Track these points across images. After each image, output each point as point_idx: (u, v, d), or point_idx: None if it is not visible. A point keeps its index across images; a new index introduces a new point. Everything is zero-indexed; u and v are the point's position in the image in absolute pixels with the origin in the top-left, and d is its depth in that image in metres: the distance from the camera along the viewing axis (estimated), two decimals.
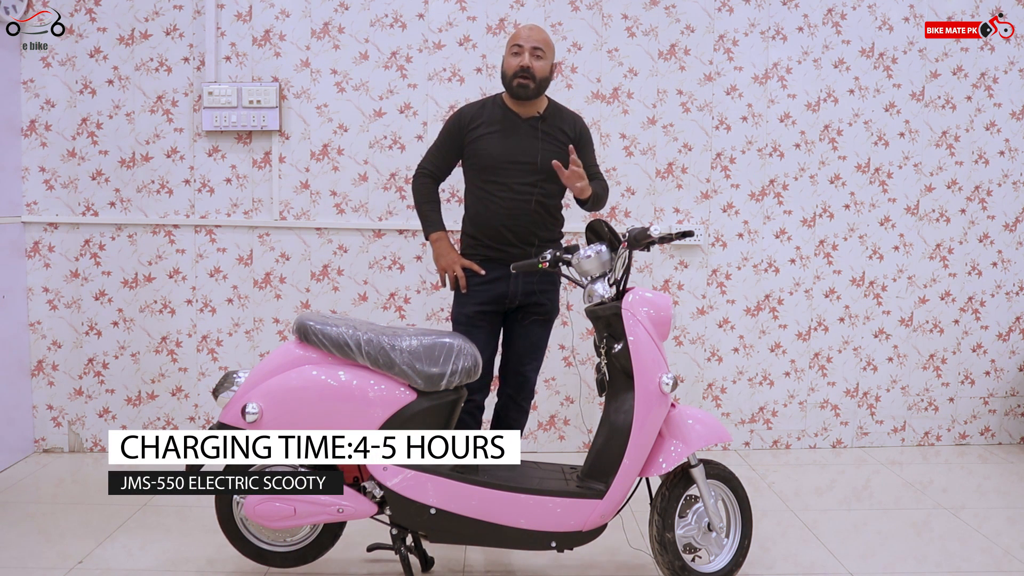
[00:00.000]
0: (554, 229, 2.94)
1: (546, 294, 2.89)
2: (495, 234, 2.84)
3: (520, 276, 2.82)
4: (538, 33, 2.86)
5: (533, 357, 2.94)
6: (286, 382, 2.34)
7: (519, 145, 2.84)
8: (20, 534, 2.85)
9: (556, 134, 2.89)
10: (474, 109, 2.95)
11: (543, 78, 2.84)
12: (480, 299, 2.86)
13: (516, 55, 2.82)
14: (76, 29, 3.61)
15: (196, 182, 3.68)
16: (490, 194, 2.84)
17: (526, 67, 2.79)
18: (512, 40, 2.87)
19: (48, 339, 3.69)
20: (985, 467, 3.71)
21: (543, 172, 2.82)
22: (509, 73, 2.83)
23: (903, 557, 2.78)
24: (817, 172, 3.84)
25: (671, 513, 2.43)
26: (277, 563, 2.47)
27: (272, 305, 3.73)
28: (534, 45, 2.81)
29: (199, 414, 3.75)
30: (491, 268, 2.85)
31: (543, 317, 2.93)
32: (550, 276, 2.87)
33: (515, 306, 2.88)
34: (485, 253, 2.87)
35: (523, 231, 2.83)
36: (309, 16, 3.65)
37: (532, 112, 2.89)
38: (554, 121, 2.91)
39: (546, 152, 2.83)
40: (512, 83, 2.82)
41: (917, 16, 3.81)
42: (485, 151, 2.85)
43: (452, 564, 2.69)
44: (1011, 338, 3.98)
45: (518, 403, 2.96)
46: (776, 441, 3.93)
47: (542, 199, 2.84)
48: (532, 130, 2.87)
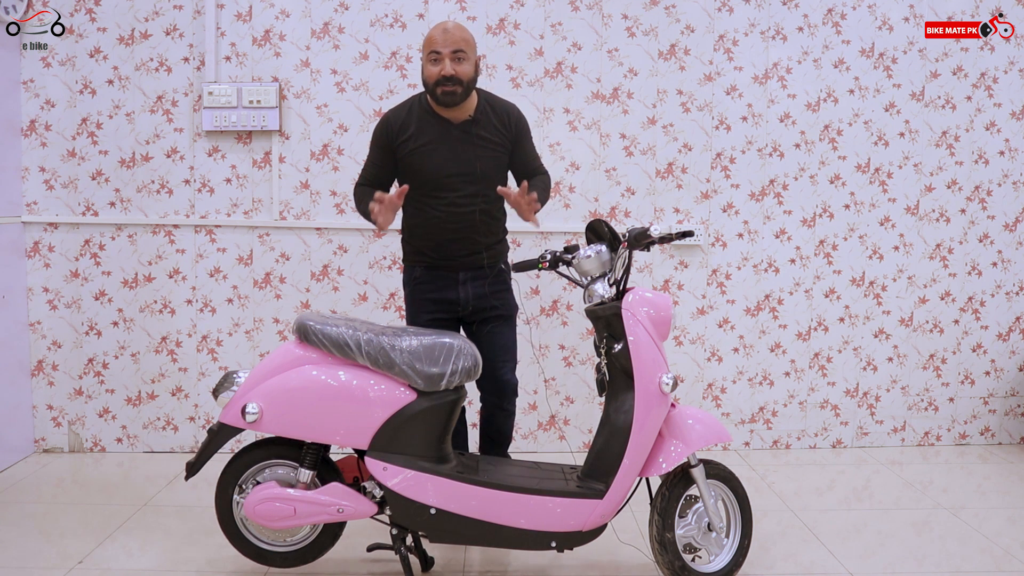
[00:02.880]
0: (499, 232, 2.82)
1: (497, 295, 2.77)
2: (438, 247, 2.72)
3: (469, 282, 2.73)
4: (455, 33, 2.61)
5: (506, 358, 2.81)
6: (286, 382, 2.34)
7: (454, 156, 2.66)
8: (20, 534, 2.85)
9: (492, 136, 2.71)
10: (400, 115, 2.73)
11: (469, 80, 2.62)
12: (431, 308, 2.76)
13: (435, 62, 2.60)
14: (76, 29, 3.61)
15: (196, 182, 3.68)
16: (431, 208, 2.69)
17: (448, 75, 2.57)
18: (427, 46, 2.63)
19: (48, 339, 3.69)
20: (985, 467, 3.71)
21: (483, 180, 2.68)
22: (431, 82, 2.61)
23: (903, 557, 2.78)
24: (817, 172, 3.84)
25: (671, 513, 2.43)
26: (277, 563, 2.47)
27: (272, 305, 3.73)
28: (453, 48, 2.58)
29: (199, 414, 3.75)
30: (437, 276, 2.75)
31: (502, 318, 2.80)
32: (500, 276, 2.78)
33: (469, 311, 2.76)
34: (429, 260, 2.76)
35: (468, 242, 2.71)
36: (309, 16, 3.66)
37: (464, 115, 2.68)
38: (488, 121, 2.71)
39: (485, 160, 2.69)
40: (436, 92, 2.60)
41: (917, 16, 3.81)
42: (420, 167, 2.67)
43: (452, 564, 2.69)
44: (1011, 338, 3.98)
45: (503, 407, 2.85)
46: (776, 441, 3.93)
47: (485, 207, 2.70)
48: (465, 135, 2.68)
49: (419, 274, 2.80)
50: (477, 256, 2.73)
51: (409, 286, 2.84)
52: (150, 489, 3.29)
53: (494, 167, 2.74)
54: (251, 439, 3.16)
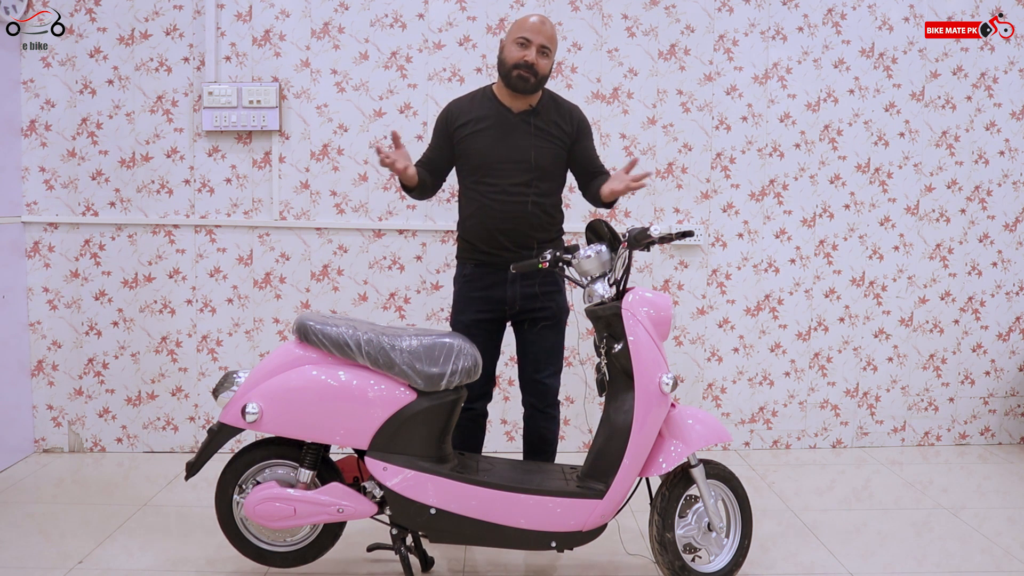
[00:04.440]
0: (552, 230, 2.77)
1: (548, 296, 2.73)
2: (490, 238, 2.69)
3: (518, 281, 2.70)
4: (548, 29, 2.67)
5: (549, 363, 2.77)
6: (286, 382, 2.34)
7: (511, 142, 2.68)
8: (20, 534, 2.85)
9: (551, 128, 2.72)
10: (463, 104, 2.78)
11: (544, 75, 2.67)
12: (477, 307, 2.73)
13: (522, 47, 2.63)
14: (76, 29, 3.61)
15: (196, 182, 3.68)
16: (483, 196, 2.69)
17: (531, 63, 2.62)
18: (518, 29, 2.66)
19: (48, 339, 3.69)
20: (985, 467, 3.71)
21: (538, 170, 2.68)
22: (509, 63, 2.64)
23: (903, 557, 2.78)
24: (817, 172, 3.84)
25: (671, 513, 2.43)
26: (277, 563, 2.47)
27: (272, 305, 3.73)
28: (542, 43, 2.64)
29: (199, 414, 3.75)
30: (487, 273, 2.72)
31: (551, 321, 2.75)
32: (551, 277, 2.74)
33: (516, 311, 2.73)
34: (480, 257, 2.73)
35: (519, 234, 2.68)
36: (309, 16, 3.65)
37: (525, 106, 2.71)
38: (548, 115, 2.73)
39: (540, 149, 2.69)
40: (512, 74, 2.64)
41: (917, 16, 3.81)
42: (475, 150, 2.70)
43: (452, 564, 2.69)
44: (1011, 338, 3.98)
45: (543, 411, 2.79)
46: (776, 441, 3.93)
47: (537, 199, 2.68)
48: (525, 125, 2.69)
49: (469, 271, 2.77)
50: (528, 251, 2.68)
51: (458, 283, 2.82)
52: (150, 489, 3.29)
53: (550, 159, 2.72)
54: (251, 439, 3.16)
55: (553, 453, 2.86)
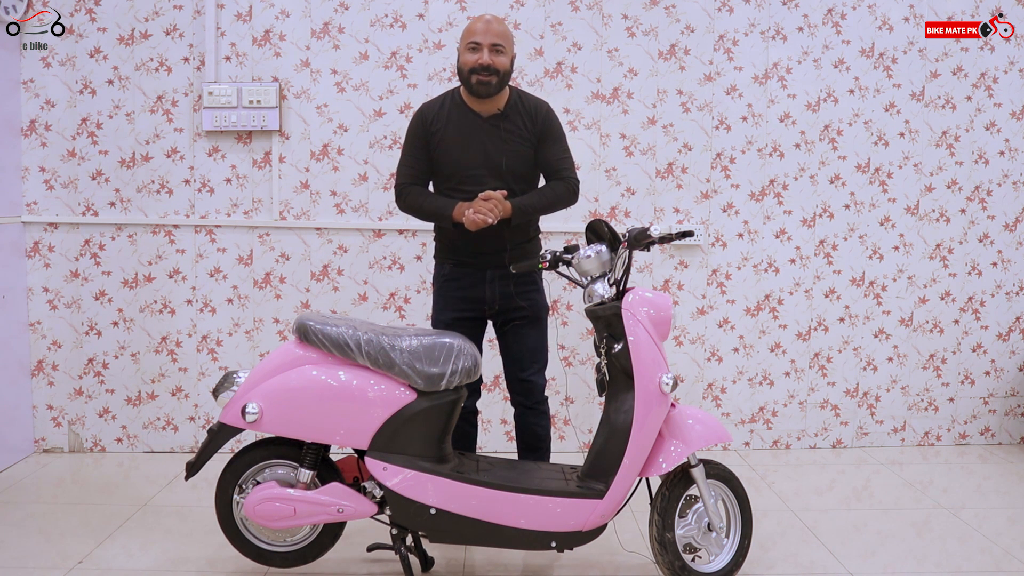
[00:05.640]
0: (528, 230, 2.80)
1: (525, 295, 2.75)
2: (465, 243, 2.70)
3: (497, 280, 2.72)
4: (495, 26, 2.66)
5: (532, 360, 2.81)
6: (286, 382, 2.34)
7: (481, 149, 2.68)
8: (20, 534, 2.85)
9: (520, 131, 2.72)
10: (434, 108, 2.77)
11: (504, 72, 2.66)
12: (457, 306, 2.75)
13: (473, 51, 2.63)
14: (76, 29, 3.61)
15: (196, 182, 3.68)
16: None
17: (485, 65, 2.61)
18: (467, 35, 2.67)
19: (48, 339, 3.69)
20: (985, 467, 3.71)
21: (510, 174, 2.69)
22: (466, 69, 2.64)
23: (903, 557, 2.78)
24: (817, 172, 3.84)
25: (671, 513, 2.43)
26: (277, 563, 2.47)
27: (272, 305, 3.73)
28: (493, 41, 2.63)
29: (199, 414, 3.75)
30: (466, 274, 2.74)
31: (530, 317, 2.77)
32: (528, 276, 2.76)
33: (496, 311, 2.76)
34: (457, 258, 2.75)
35: (494, 238, 2.67)
36: (309, 16, 3.65)
37: (493, 109, 2.70)
38: (516, 118, 2.72)
39: (511, 155, 2.69)
40: (471, 80, 2.63)
41: (917, 16, 3.81)
42: (447, 157, 2.70)
43: (452, 564, 2.69)
44: (1011, 338, 3.98)
45: (532, 408, 2.82)
46: (776, 441, 3.93)
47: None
48: (494, 130, 2.69)
49: (448, 271, 2.79)
50: (503, 253, 2.70)
51: (437, 282, 2.84)
52: (150, 489, 3.29)
53: (521, 163, 2.73)
54: (251, 439, 3.16)
55: (547, 449, 2.88)
